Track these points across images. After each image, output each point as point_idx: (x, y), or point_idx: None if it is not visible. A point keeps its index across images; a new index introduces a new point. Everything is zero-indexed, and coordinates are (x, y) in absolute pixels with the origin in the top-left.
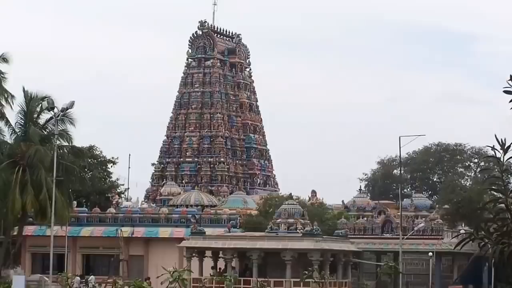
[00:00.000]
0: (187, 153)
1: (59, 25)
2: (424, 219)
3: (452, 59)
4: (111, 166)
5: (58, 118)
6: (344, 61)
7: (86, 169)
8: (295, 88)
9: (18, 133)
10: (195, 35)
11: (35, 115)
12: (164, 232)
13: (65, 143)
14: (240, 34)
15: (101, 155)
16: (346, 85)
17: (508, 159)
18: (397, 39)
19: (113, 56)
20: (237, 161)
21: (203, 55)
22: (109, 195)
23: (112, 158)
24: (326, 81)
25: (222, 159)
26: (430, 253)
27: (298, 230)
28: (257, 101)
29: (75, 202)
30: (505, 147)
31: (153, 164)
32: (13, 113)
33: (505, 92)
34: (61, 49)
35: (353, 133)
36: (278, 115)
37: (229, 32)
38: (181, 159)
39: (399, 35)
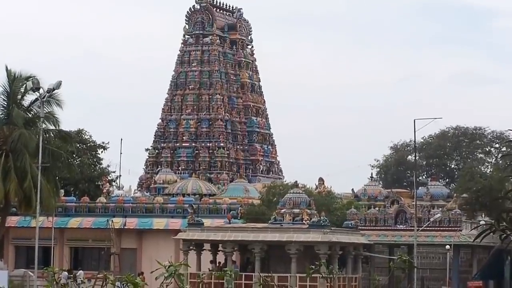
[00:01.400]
0: (184, 137)
1: (44, 0)
2: (440, 209)
3: (470, 36)
4: (102, 152)
5: (44, 99)
6: (353, 39)
7: (74, 155)
8: (301, 68)
9: (1, 116)
10: (192, 9)
11: (19, 97)
12: (159, 223)
13: (52, 127)
14: (241, 9)
15: (90, 140)
16: (356, 65)
17: None
18: (410, 15)
19: (103, 33)
20: (238, 146)
21: (201, 31)
22: (99, 183)
23: (103, 143)
24: (334, 60)
25: (221, 144)
26: (447, 246)
27: (304, 221)
28: (259, 81)
29: (62, 191)
30: None
31: (146, 150)
32: None
33: None
34: (47, 26)
35: (364, 116)
36: (282, 96)
37: (229, 6)
38: (177, 144)
39: (412, 11)
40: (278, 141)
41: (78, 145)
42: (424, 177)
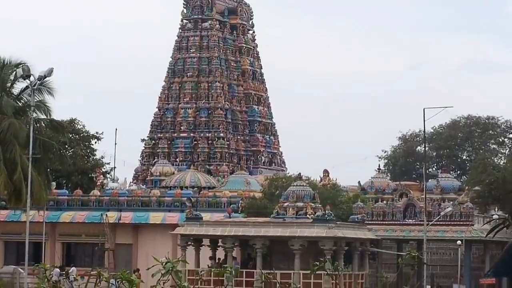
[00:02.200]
0: (182, 127)
1: None
2: (451, 202)
3: (482, 22)
4: (95, 142)
5: (35, 87)
6: (360, 24)
7: (66, 146)
8: (305, 54)
9: None
10: None
11: (9, 84)
12: (156, 217)
13: (43, 116)
14: None
15: (83, 130)
16: (363, 52)
17: None
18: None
19: (97, 18)
20: (238, 137)
21: (200, 16)
22: (92, 175)
23: (96, 133)
24: (340, 46)
25: (221, 134)
26: (459, 242)
27: (308, 215)
28: (261, 68)
29: (54, 183)
30: None
31: (142, 140)
32: None
33: None
34: (38, 10)
35: (371, 105)
36: (285, 84)
37: None
38: (175, 134)
39: None
40: (281, 131)
41: (70, 136)
42: (434, 169)
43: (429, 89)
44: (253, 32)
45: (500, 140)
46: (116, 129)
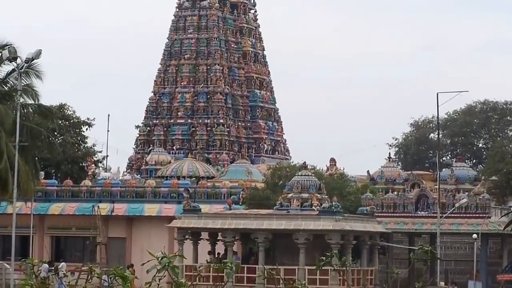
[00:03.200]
0: (179, 113)
1: None
2: (467, 193)
3: (500, 0)
4: (86, 129)
5: (22, 70)
6: (368, 3)
7: (55, 133)
8: (310, 35)
9: None
10: None
11: None
12: (151, 209)
13: (30, 101)
14: None
15: (74, 116)
16: (372, 32)
17: None
18: None
19: None
20: (239, 123)
21: None
22: (83, 164)
23: (88, 119)
24: (347, 27)
25: (221, 121)
26: (475, 235)
27: (313, 207)
28: (263, 50)
29: (42, 173)
30: None
31: (137, 127)
32: None
33: None
34: None
35: (381, 90)
36: (289, 67)
37: None
38: (172, 121)
39: None
40: (284, 117)
41: (60, 122)
42: (448, 157)
43: (443, 72)
44: (255, 11)
45: None
46: (108, 115)
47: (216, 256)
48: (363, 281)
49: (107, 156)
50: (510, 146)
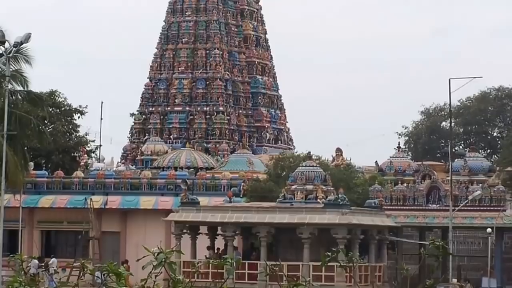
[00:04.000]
0: (176, 100)
1: None
2: (481, 185)
3: None
4: (78, 117)
5: (10, 55)
6: None
7: (46, 121)
8: (315, 18)
9: None
10: None
11: None
12: (147, 202)
13: (19, 87)
14: None
15: (65, 103)
16: (380, 14)
17: None
18: None
19: None
20: (240, 111)
21: None
22: (75, 154)
23: (80, 106)
24: (355, 8)
25: (220, 108)
26: (489, 229)
27: (318, 200)
28: (266, 33)
29: (31, 164)
30: None
31: (132, 115)
32: None
33: None
34: None
35: (390, 75)
36: (293, 52)
37: None
38: (168, 108)
39: None
40: (288, 104)
41: (50, 110)
42: (461, 147)
43: (456, 57)
44: None
45: None
46: (102, 102)
47: (216, 251)
48: (371, 278)
49: (100, 145)
50: None
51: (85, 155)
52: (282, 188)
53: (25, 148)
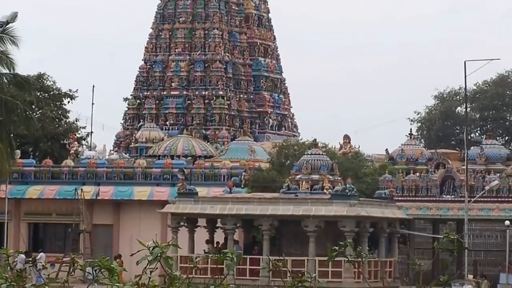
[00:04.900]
0: (173, 84)
1: None
2: (498, 174)
3: None
4: (68, 102)
5: None
6: None
7: (33, 106)
8: None
9: None
10: None
11: None
12: (141, 192)
13: (5, 70)
14: None
15: (54, 87)
16: None
17: None
18: None
19: None
20: (241, 95)
21: None
22: (65, 141)
23: (70, 91)
24: None
25: (220, 92)
26: (507, 222)
27: (325, 190)
28: (268, 12)
29: (18, 152)
30: None
31: (125, 99)
32: None
33: None
34: None
35: (402, 58)
36: (298, 32)
37: None
38: (164, 92)
39: None
40: (292, 88)
41: (38, 94)
42: (477, 134)
43: (471, 38)
44: None
45: None
46: (93, 86)
47: (215, 245)
48: (381, 273)
49: (91, 132)
50: None
51: (75, 142)
52: (286, 178)
53: (11, 135)
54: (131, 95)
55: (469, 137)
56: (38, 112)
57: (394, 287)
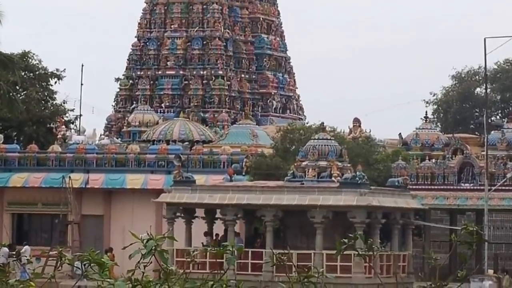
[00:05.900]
0: (168, 62)
1: None
2: None
3: None
4: (55, 83)
5: None
6: None
7: (17, 87)
8: None
9: None
10: None
11: None
12: (134, 180)
13: None
14: None
15: (40, 66)
16: None
17: None
18: None
19: None
20: (242, 75)
21: None
22: (52, 125)
23: (57, 70)
24: None
25: (220, 72)
26: None
27: (333, 178)
28: None
29: (1, 136)
30: None
31: (117, 80)
32: None
33: None
34: None
35: (415, 34)
36: (303, 7)
37: None
38: (159, 72)
39: None
40: (298, 67)
41: (23, 74)
42: (498, 117)
43: (491, 13)
44: None
45: None
46: (82, 65)
47: (214, 238)
48: (394, 268)
49: (80, 115)
50: None
51: (63, 126)
52: (291, 165)
53: None
54: (123, 75)
55: (490, 121)
56: (22, 94)
57: (408, 283)
